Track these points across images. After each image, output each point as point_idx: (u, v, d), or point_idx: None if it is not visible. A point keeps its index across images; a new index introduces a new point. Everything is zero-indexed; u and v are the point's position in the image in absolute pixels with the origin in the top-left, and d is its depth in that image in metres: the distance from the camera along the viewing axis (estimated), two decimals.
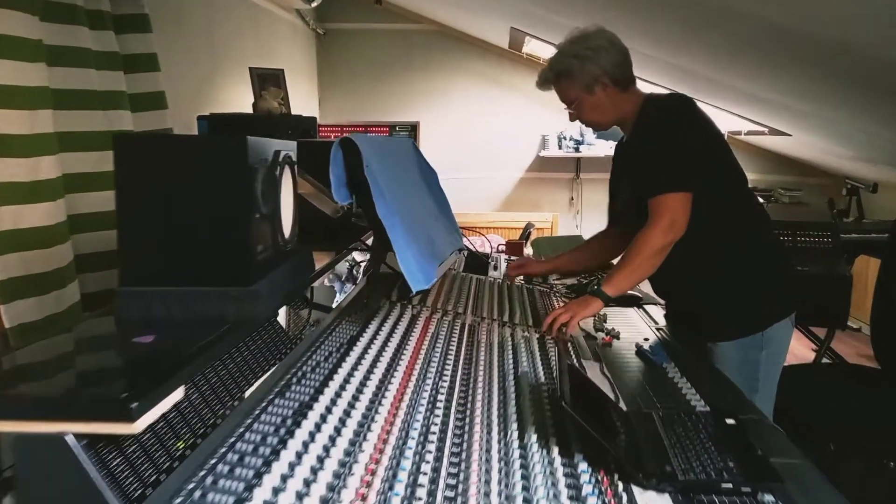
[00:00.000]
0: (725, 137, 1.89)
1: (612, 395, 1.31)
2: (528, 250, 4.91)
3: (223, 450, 0.85)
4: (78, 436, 0.68)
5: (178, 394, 0.76)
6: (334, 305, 1.57)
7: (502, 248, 3.34)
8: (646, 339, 1.77)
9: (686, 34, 2.73)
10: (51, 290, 1.80)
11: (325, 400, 1.06)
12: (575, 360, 1.53)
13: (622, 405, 1.26)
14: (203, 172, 0.95)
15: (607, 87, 1.75)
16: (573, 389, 1.11)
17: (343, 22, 5.50)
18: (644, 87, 1.89)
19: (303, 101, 5.15)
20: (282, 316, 1.30)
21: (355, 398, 1.09)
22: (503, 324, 1.74)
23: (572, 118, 1.89)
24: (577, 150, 5.42)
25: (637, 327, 1.88)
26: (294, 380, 1.10)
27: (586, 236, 6.06)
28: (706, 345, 1.82)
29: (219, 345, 0.90)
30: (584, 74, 1.74)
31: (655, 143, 1.69)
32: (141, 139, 0.95)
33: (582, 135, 5.42)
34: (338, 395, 1.09)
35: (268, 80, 2.92)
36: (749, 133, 4.61)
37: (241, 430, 0.90)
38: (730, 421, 1.15)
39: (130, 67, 2.19)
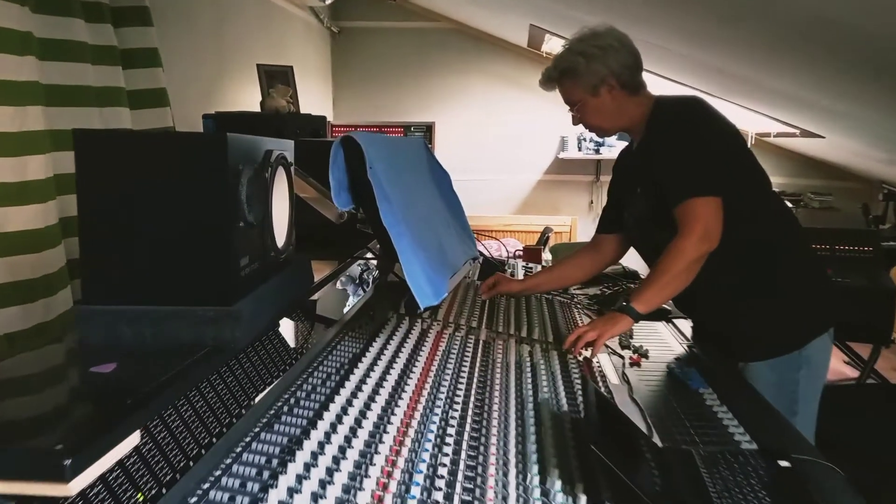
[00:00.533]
0: (749, 139, 1.74)
1: (644, 427, 1.17)
2: (547, 255, 4.75)
3: (193, 500, 0.72)
4: (3, 497, 0.55)
5: (131, 441, 0.63)
6: (346, 309, 1.44)
7: (519, 253, 3.19)
8: (676, 359, 1.62)
9: (722, 29, 2.57)
10: (39, 298, 1.70)
11: (316, 435, 0.92)
12: (600, 384, 1.39)
13: (657, 440, 1.12)
14: (177, 174, 0.83)
15: (613, 89, 1.64)
16: (601, 420, 0.97)
17: (358, 20, 5.39)
18: (672, 88, 1.75)
19: (316, 100, 5.04)
20: (286, 326, 1.17)
21: (353, 431, 0.96)
22: (521, 340, 1.60)
23: (575, 122, 1.75)
24: (597, 151, 5.25)
25: (666, 343, 1.72)
26: (285, 408, 0.96)
27: None
28: (737, 365, 1.66)
29: (189, 376, 0.77)
30: (590, 74, 1.63)
31: (676, 147, 1.55)
32: (105, 135, 0.83)
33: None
34: (333, 428, 0.95)
35: (276, 78, 2.81)
36: (779, 135, 4.42)
37: (218, 473, 0.77)
38: (783, 463, 1.00)
39: (129, 63, 2.09)
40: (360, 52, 5.45)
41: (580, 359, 1.53)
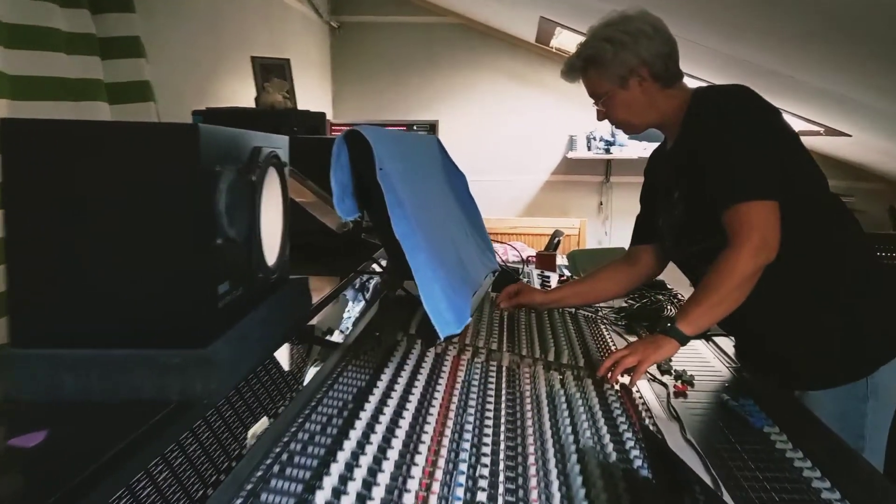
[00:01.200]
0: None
1: (709, 480, 0.97)
2: (561, 260, 4.55)
3: None
4: None
5: None
6: (345, 317, 1.24)
7: (532, 258, 3.00)
8: (726, 386, 1.43)
9: (748, 17, 2.38)
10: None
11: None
12: (645, 419, 1.19)
13: (728, 499, 0.92)
14: (134, 176, 0.63)
15: (645, 81, 1.46)
16: (657, 472, 0.78)
17: (359, 14, 5.19)
18: (689, 82, 1.56)
19: (315, 97, 4.84)
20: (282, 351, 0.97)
21: (362, 500, 0.76)
22: (548, 366, 1.40)
23: (601, 117, 1.58)
24: (607, 151, 5.05)
25: (711, 366, 1.53)
26: (273, 471, 0.76)
27: (615, 245, 5.70)
28: (793, 393, 1.47)
29: (147, 447, 0.57)
30: (618, 64, 1.45)
31: (723, 142, 1.36)
32: (40, 125, 0.63)
33: (613, 135, 5.05)
34: (336, 496, 0.76)
35: (272, 71, 2.61)
36: (801, 133, 4.22)
37: None
38: None
39: (108, 52, 1.89)
40: (360, 48, 5.25)
41: (616, 387, 1.34)
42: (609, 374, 1.35)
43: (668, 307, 2.00)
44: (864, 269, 1.49)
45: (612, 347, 1.64)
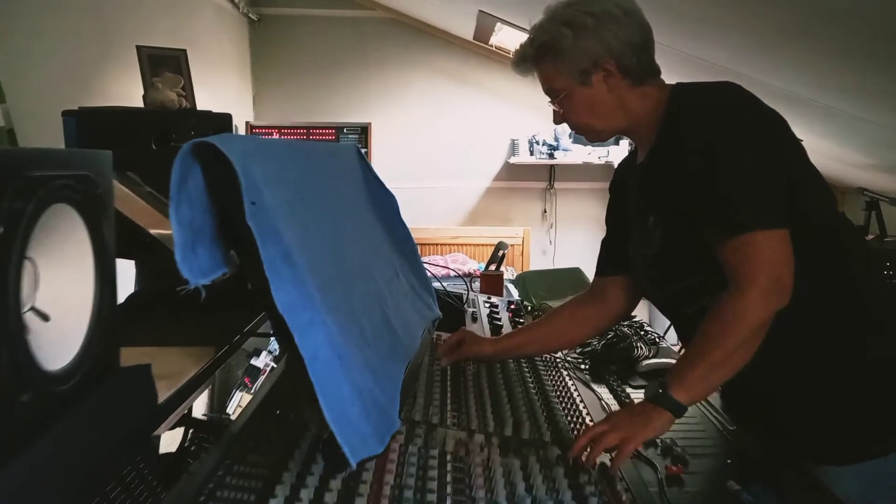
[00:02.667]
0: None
1: None
2: (508, 274, 4.24)
3: None
4: None
5: None
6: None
7: (476, 274, 2.66)
8: (729, 463, 1.13)
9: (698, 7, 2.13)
10: None
11: None
12: None
13: None
14: None
15: (611, 76, 1.17)
16: None
17: (280, 6, 4.73)
18: None
19: (232, 98, 4.37)
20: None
21: None
22: (506, 444, 1.06)
23: (558, 119, 1.28)
24: (551, 156, 4.79)
25: (703, 434, 1.23)
26: None
27: (561, 254, 5.46)
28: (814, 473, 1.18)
29: None
30: (579, 53, 1.16)
31: (717, 158, 1.06)
32: None
33: (556, 139, 4.80)
34: None
35: (163, 64, 2.18)
36: None
37: None
38: None
39: None
40: (283, 43, 4.79)
41: (594, 472, 1.02)
42: (584, 456, 1.03)
43: (639, 345, 1.70)
44: (886, 306, 1.21)
45: (581, 407, 1.32)
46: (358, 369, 0.69)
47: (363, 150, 4.41)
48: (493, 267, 3.98)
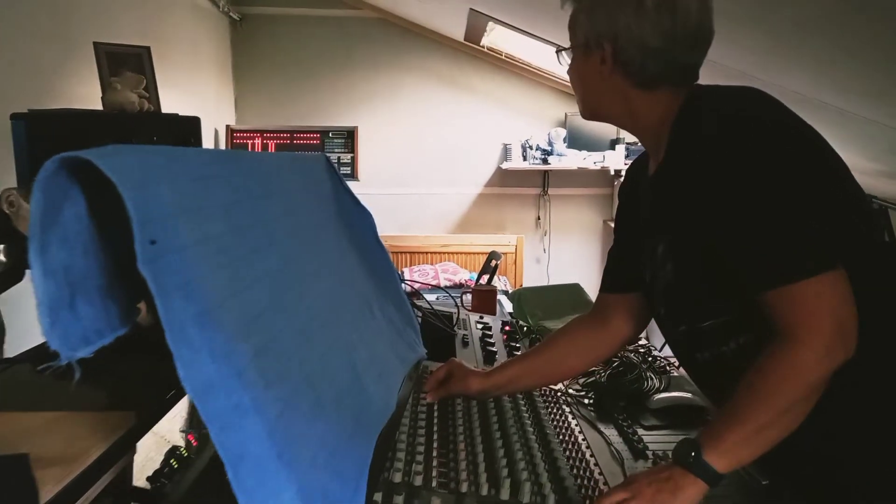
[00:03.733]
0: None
1: None
2: (501, 285, 4.04)
3: None
4: None
5: None
6: None
7: (467, 285, 2.47)
8: None
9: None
10: None
11: None
12: None
13: None
14: None
15: (606, 63, 1.02)
16: None
17: (264, 5, 4.54)
18: None
19: (212, 100, 4.17)
20: None
21: None
22: None
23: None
24: (544, 161, 4.61)
25: (729, 492, 1.04)
26: None
27: (556, 263, 5.29)
28: None
29: None
30: (589, 19, 1.03)
31: (756, 195, 0.87)
32: None
33: (550, 144, 4.62)
34: None
35: (124, 63, 1.98)
36: None
37: None
38: None
39: None
40: (267, 44, 4.59)
41: None
42: None
43: (648, 375, 1.53)
44: None
45: (588, 456, 1.15)
46: (306, 460, 0.51)
47: (349, 156, 4.23)
48: (484, 278, 3.80)
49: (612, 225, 4.95)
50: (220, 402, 0.46)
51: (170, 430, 2.07)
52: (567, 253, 4.87)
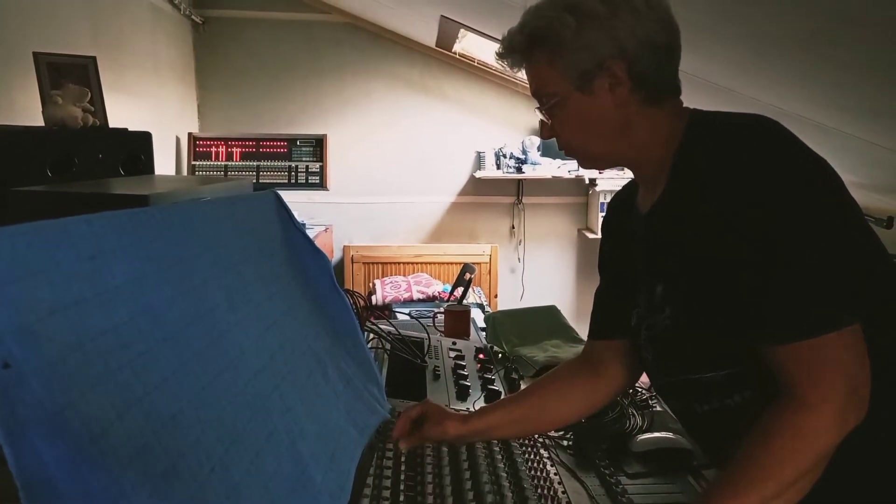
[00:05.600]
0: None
1: None
2: (476, 301, 3.93)
3: None
4: None
5: None
6: None
7: (442, 302, 2.35)
8: None
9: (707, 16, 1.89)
10: None
11: None
12: None
13: None
14: None
15: (619, 84, 0.90)
16: None
17: (227, 8, 4.37)
18: None
19: (173, 108, 4.00)
20: None
21: None
22: None
23: (546, 133, 0.99)
24: (518, 170, 4.53)
25: None
26: None
27: (530, 272, 5.21)
28: None
29: None
30: (581, 49, 0.89)
31: (765, 233, 0.80)
32: None
33: (525, 152, 4.54)
34: None
35: (67, 74, 1.84)
36: None
37: None
38: None
39: None
40: (231, 48, 4.43)
41: None
42: None
43: (631, 413, 1.44)
44: None
45: None
46: None
47: (318, 165, 4.09)
48: (458, 292, 3.69)
49: (588, 234, 4.91)
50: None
51: None
52: (542, 262, 4.80)
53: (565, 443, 1.33)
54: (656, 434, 1.34)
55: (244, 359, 0.63)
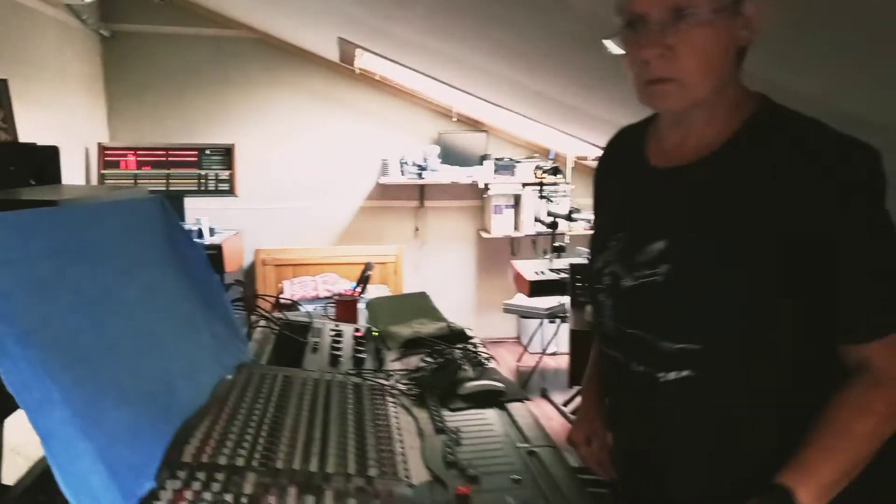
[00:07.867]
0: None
1: None
2: (362, 306, 4.26)
3: None
4: None
5: None
6: None
7: (332, 303, 2.66)
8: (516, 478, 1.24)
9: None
10: None
11: None
12: None
13: None
14: None
15: (746, 29, 0.93)
16: None
17: (135, 23, 4.53)
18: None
19: (82, 118, 4.14)
20: None
21: None
22: (310, 480, 1.12)
23: (655, 47, 0.90)
24: (420, 176, 4.91)
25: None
26: None
27: (433, 271, 5.61)
28: None
29: None
30: None
31: (879, 242, 0.90)
32: None
33: (425, 160, 4.93)
34: None
35: None
36: (596, 159, 4.39)
37: None
38: None
39: None
40: (140, 61, 4.59)
41: None
42: None
43: (465, 365, 1.82)
44: None
45: (396, 433, 1.40)
46: (109, 438, 0.72)
47: (227, 173, 4.32)
48: (360, 288, 4.02)
49: (483, 234, 5.31)
50: (32, 396, 0.66)
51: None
52: (444, 261, 5.20)
53: (410, 392, 1.69)
54: (482, 381, 1.72)
55: (135, 310, 0.94)
